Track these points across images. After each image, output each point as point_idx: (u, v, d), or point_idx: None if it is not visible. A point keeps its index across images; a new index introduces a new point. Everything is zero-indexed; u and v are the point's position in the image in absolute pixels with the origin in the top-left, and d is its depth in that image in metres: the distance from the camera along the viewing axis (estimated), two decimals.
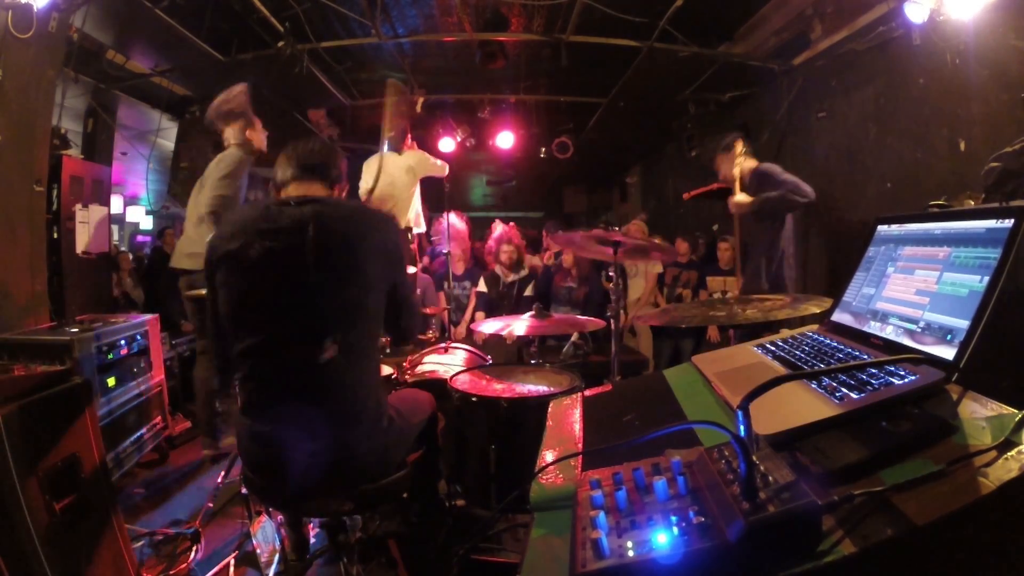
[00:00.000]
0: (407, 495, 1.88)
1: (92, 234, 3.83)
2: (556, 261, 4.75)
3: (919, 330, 0.89)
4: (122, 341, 2.87)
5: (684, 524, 0.59)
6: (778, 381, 0.70)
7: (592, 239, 2.26)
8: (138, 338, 3.02)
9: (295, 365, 1.43)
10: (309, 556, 1.88)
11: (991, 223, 0.85)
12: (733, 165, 3.27)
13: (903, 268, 1.02)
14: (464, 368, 2.40)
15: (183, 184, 4.19)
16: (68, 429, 1.65)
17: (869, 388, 0.79)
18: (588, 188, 9.58)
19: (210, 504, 2.38)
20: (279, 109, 5.25)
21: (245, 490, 1.97)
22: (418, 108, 5.04)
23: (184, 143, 4.53)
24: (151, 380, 3.13)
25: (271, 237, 1.42)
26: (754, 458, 0.61)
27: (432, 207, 4.98)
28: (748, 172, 3.24)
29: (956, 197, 1.83)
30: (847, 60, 3.63)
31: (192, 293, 2.74)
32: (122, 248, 6.70)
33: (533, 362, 2.58)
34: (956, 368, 0.77)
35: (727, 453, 0.67)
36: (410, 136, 4.03)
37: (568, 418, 1.11)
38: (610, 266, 2.31)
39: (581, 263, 4.47)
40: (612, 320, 2.25)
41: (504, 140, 5.92)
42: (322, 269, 1.40)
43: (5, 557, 1.38)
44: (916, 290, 0.95)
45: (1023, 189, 1.49)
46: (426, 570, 1.95)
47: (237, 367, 1.50)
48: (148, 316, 3.20)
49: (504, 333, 2.70)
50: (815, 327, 1.20)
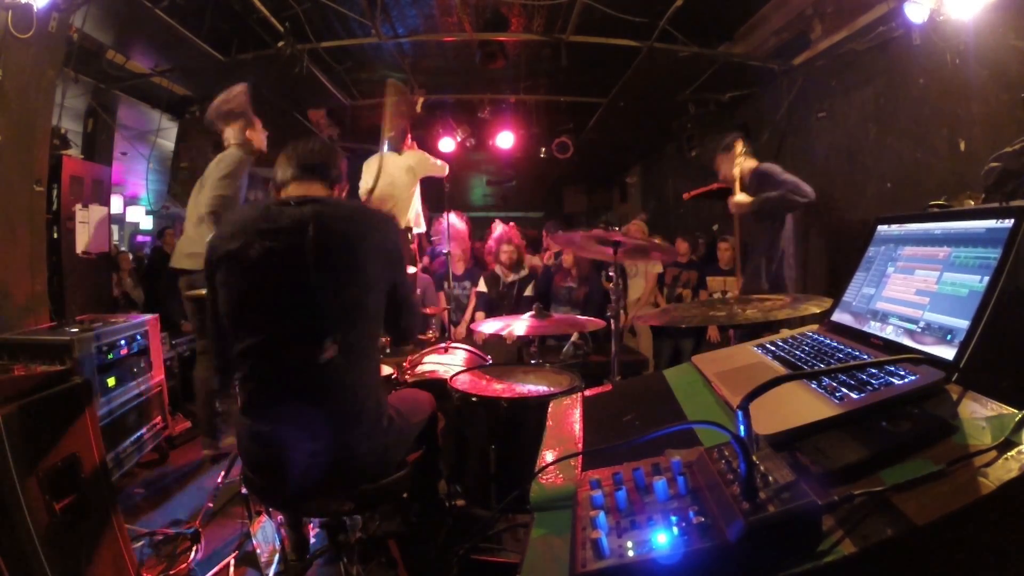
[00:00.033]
0: (407, 495, 1.87)
1: (92, 234, 3.83)
2: (556, 261, 4.74)
3: (919, 330, 0.89)
4: (122, 341, 2.87)
5: (684, 524, 0.59)
6: (778, 381, 0.70)
7: (592, 239, 2.26)
8: (138, 338, 3.02)
9: (295, 365, 1.43)
10: (309, 556, 1.88)
11: (991, 223, 0.85)
12: (733, 165, 3.28)
13: (903, 268, 1.02)
14: (464, 368, 2.40)
15: (183, 184, 4.19)
16: (68, 429, 1.65)
17: (869, 388, 0.79)
18: (588, 188, 9.57)
19: (210, 504, 2.38)
20: (279, 109, 5.25)
21: (245, 490, 1.97)
22: (418, 108, 5.04)
23: (184, 143, 4.52)
24: (151, 380, 3.13)
25: (271, 237, 1.42)
26: (754, 458, 0.61)
27: (432, 207, 4.98)
28: (748, 172, 3.24)
29: (956, 197, 1.83)
30: (847, 60, 3.63)
31: (192, 293, 2.74)
32: (122, 248, 6.70)
33: (533, 362, 2.58)
34: (956, 368, 0.77)
35: (727, 453, 0.67)
36: (410, 136, 4.04)
37: (568, 418, 1.11)
38: (610, 266, 2.31)
39: (581, 263, 4.47)
40: (612, 320, 2.25)
41: (504, 140, 5.92)
42: (322, 269, 1.40)
43: (5, 557, 1.38)
44: (916, 290, 0.95)
45: (1023, 189, 1.49)
46: (426, 570, 1.95)
47: (237, 367, 1.50)
48: (148, 316, 3.20)
49: (504, 333, 2.70)
50: (815, 327, 1.20)
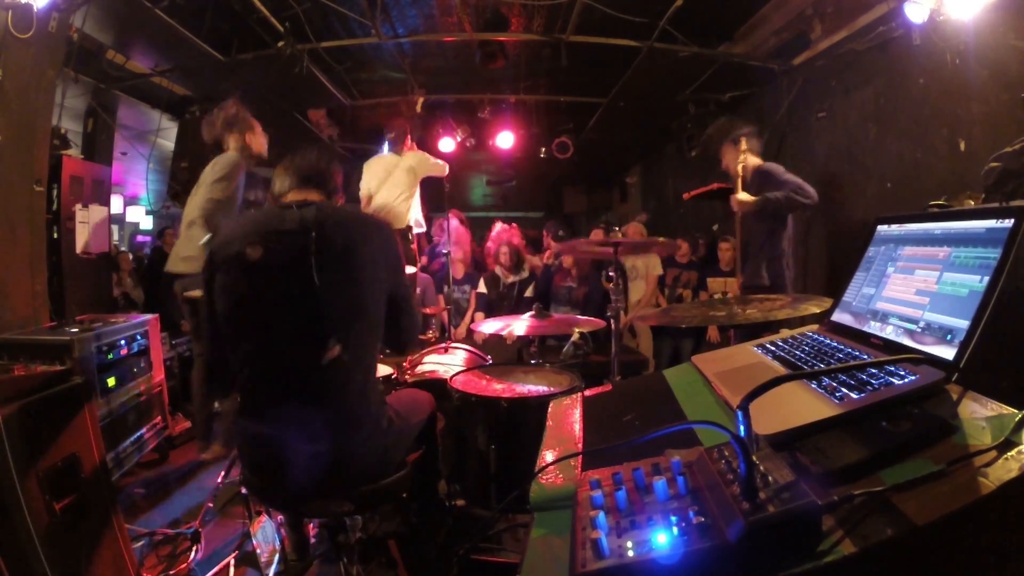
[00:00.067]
0: (407, 495, 1.87)
1: (92, 234, 3.83)
2: (556, 261, 4.74)
3: (919, 330, 0.89)
4: (122, 341, 2.87)
5: (684, 524, 0.59)
6: (778, 381, 0.70)
7: (593, 244, 2.29)
8: (138, 338, 3.02)
9: (297, 367, 1.43)
10: (309, 556, 1.88)
11: (991, 223, 0.85)
12: (736, 159, 3.24)
13: (903, 268, 1.02)
14: (464, 368, 2.40)
15: (183, 184, 4.19)
16: (68, 429, 1.65)
17: (869, 388, 0.79)
18: (588, 188, 9.57)
19: (210, 504, 2.38)
20: (279, 109, 5.24)
21: (245, 490, 1.97)
22: (418, 108, 5.05)
23: (184, 143, 4.51)
24: (151, 380, 3.13)
25: (275, 240, 1.43)
26: (754, 458, 0.61)
27: (432, 207, 4.99)
28: (751, 170, 3.21)
29: (956, 197, 1.83)
30: (847, 60, 3.63)
31: (189, 294, 2.74)
32: (122, 248, 6.71)
33: (533, 362, 2.58)
34: (956, 368, 0.77)
35: (727, 453, 0.67)
36: (410, 137, 4.06)
37: (568, 418, 1.11)
38: (610, 266, 2.31)
39: (581, 263, 4.46)
40: (612, 320, 2.25)
41: (504, 140, 5.92)
42: (325, 271, 1.40)
43: (5, 557, 1.38)
44: (916, 290, 0.95)
45: (1023, 189, 1.49)
46: (426, 570, 1.95)
47: (237, 370, 1.50)
48: (148, 316, 3.20)
49: (504, 333, 2.70)
50: (815, 327, 1.20)
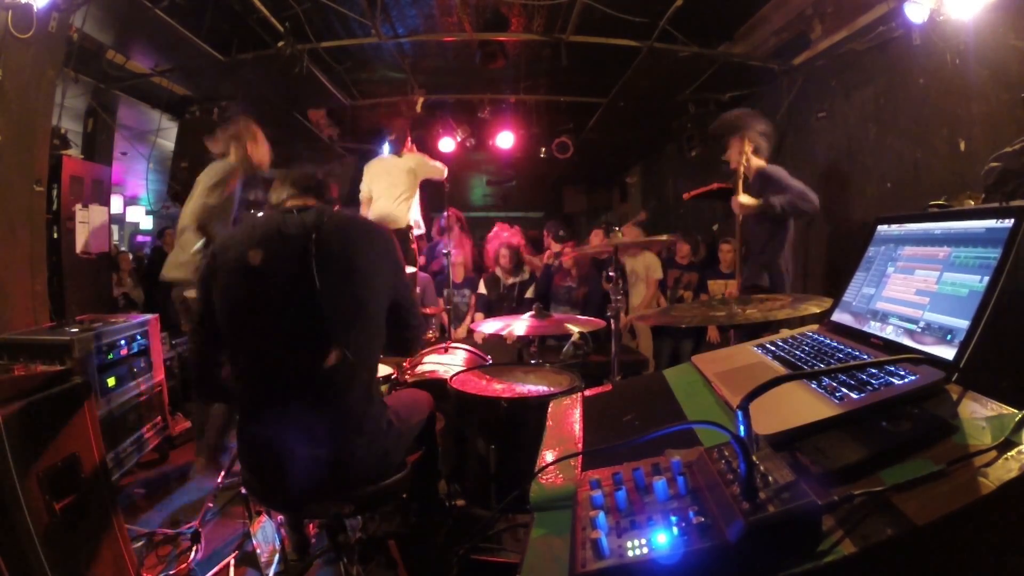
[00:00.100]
0: (407, 495, 1.87)
1: (92, 234, 3.82)
2: (556, 261, 4.75)
3: (919, 330, 0.89)
4: (122, 341, 2.86)
5: (684, 524, 0.59)
6: (778, 381, 0.70)
7: (597, 248, 2.35)
8: (138, 338, 3.02)
9: (299, 371, 1.43)
10: (309, 556, 1.88)
11: (991, 223, 0.85)
12: (740, 155, 3.16)
13: (903, 268, 1.02)
14: (464, 368, 2.40)
15: (183, 184, 4.19)
16: (68, 429, 1.65)
17: (869, 388, 0.79)
18: (588, 188, 9.57)
19: (210, 504, 2.38)
20: (279, 109, 5.25)
21: (245, 490, 1.97)
22: (418, 108, 5.05)
23: (184, 143, 4.51)
24: (151, 380, 3.13)
25: (276, 244, 1.43)
26: (754, 458, 0.61)
27: (432, 207, 4.99)
28: (753, 171, 3.18)
29: (956, 197, 1.83)
30: (847, 60, 3.63)
31: (189, 294, 2.74)
32: (122, 248, 6.71)
33: (533, 362, 2.58)
34: (956, 368, 0.77)
35: (727, 453, 0.67)
36: (410, 139, 4.09)
37: (568, 418, 1.11)
38: (610, 266, 2.32)
39: (581, 263, 4.47)
40: (612, 320, 2.25)
41: (504, 140, 5.91)
42: (326, 275, 1.40)
43: (5, 557, 1.38)
44: (916, 290, 0.95)
45: (1023, 189, 1.49)
46: (426, 570, 1.95)
47: (237, 373, 1.50)
48: (148, 316, 3.19)
49: (504, 333, 2.70)
50: (815, 327, 1.20)
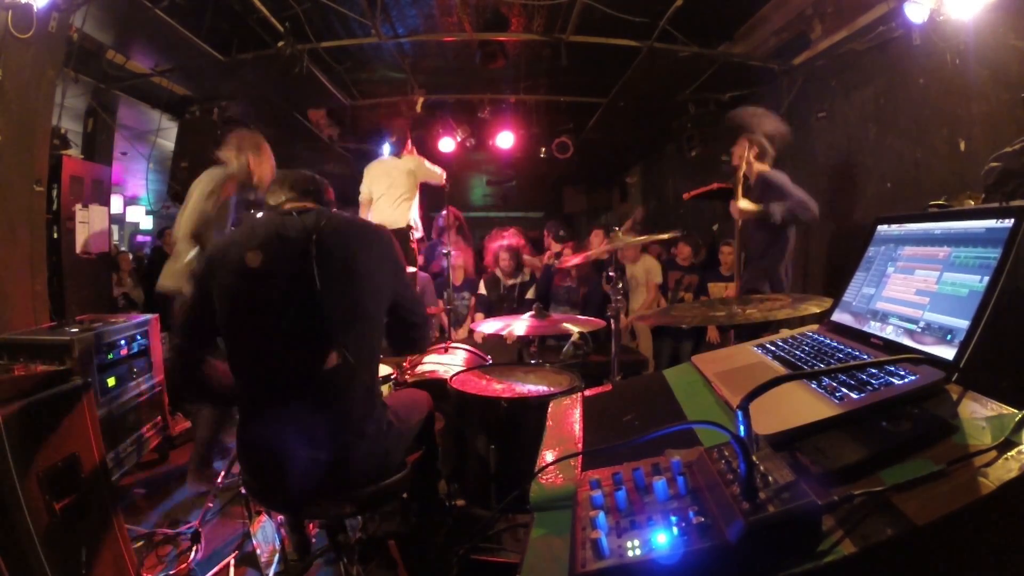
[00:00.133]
0: (407, 495, 1.87)
1: (92, 234, 3.82)
2: (556, 260, 4.76)
3: (919, 330, 0.89)
4: (122, 341, 2.86)
5: (684, 524, 0.59)
6: (778, 381, 0.70)
7: (600, 251, 2.39)
8: (138, 338, 3.02)
9: (298, 372, 1.42)
10: (309, 556, 1.88)
11: (991, 223, 0.85)
12: (743, 156, 3.15)
13: (903, 268, 1.02)
14: (464, 368, 2.40)
15: (183, 184, 4.19)
16: (68, 429, 1.64)
17: (869, 388, 0.79)
18: (588, 188, 9.57)
19: (210, 504, 2.38)
20: (279, 109, 5.24)
21: (245, 490, 1.97)
22: (418, 108, 5.06)
23: (184, 143, 4.51)
24: (151, 380, 3.13)
25: (276, 245, 1.43)
26: (754, 458, 0.61)
27: (432, 207, 4.99)
28: (755, 175, 3.16)
29: (956, 197, 1.83)
30: (847, 60, 3.63)
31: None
32: (122, 248, 6.71)
33: (533, 362, 2.58)
34: (956, 368, 0.77)
35: (727, 453, 0.67)
36: (410, 141, 4.10)
37: (568, 418, 1.11)
38: (610, 266, 2.32)
39: (581, 263, 4.47)
40: (612, 320, 2.25)
41: (504, 140, 5.91)
42: (327, 276, 1.40)
43: (5, 557, 1.38)
44: (916, 290, 0.95)
45: (1023, 189, 1.49)
46: (426, 570, 1.95)
47: (236, 375, 1.50)
48: (148, 316, 3.19)
49: (504, 333, 2.70)
50: (815, 327, 1.20)
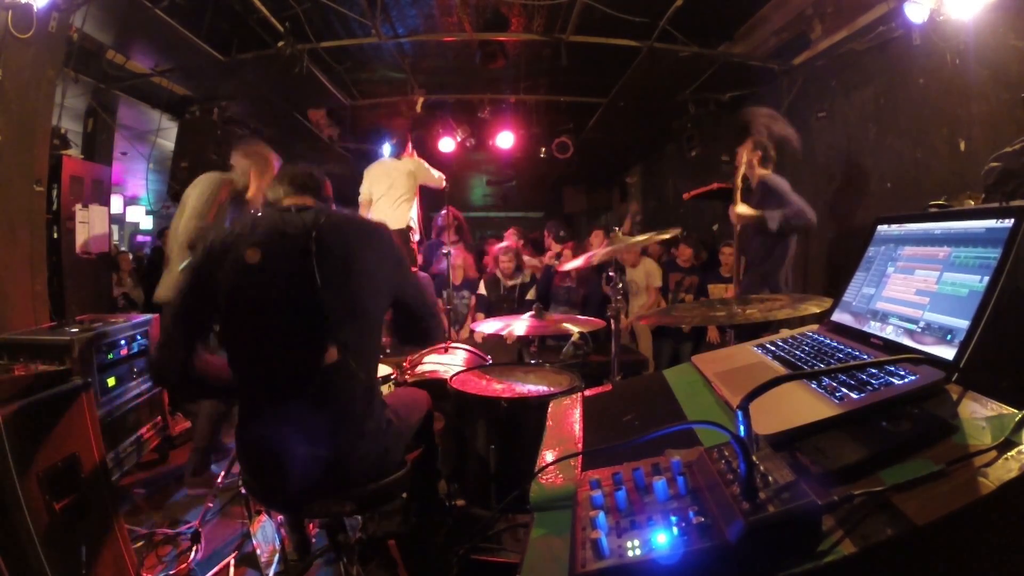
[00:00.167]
0: (407, 495, 1.87)
1: (92, 234, 3.82)
2: (556, 260, 4.77)
3: (919, 330, 0.89)
4: (122, 341, 2.86)
5: (684, 524, 0.59)
6: (778, 381, 0.69)
7: (601, 253, 2.41)
8: (138, 338, 3.01)
9: (297, 369, 1.42)
10: (309, 556, 1.88)
11: (991, 223, 0.85)
12: (744, 159, 3.15)
13: (903, 268, 1.02)
14: (464, 368, 2.40)
15: (183, 184, 4.19)
16: (68, 429, 1.65)
17: (869, 388, 0.79)
18: (588, 188, 9.56)
19: (210, 504, 2.38)
20: (279, 109, 5.24)
21: (245, 490, 1.97)
22: (418, 108, 5.06)
23: (184, 143, 4.51)
24: (151, 380, 3.13)
25: (276, 242, 1.43)
26: (754, 458, 0.61)
27: (432, 206, 5.00)
28: (757, 179, 3.15)
29: (956, 197, 1.83)
30: (847, 60, 3.63)
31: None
32: (122, 248, 6.71)
33: (533, 362, 2.58)
34: (956, 368, 0.77)
35: (727, 453, 0.67)
36: (410, 143, 4.12)
37: (568, 418, 1.11)
38: (609, 267, 2.32)
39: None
40: (612, 320, 2.25)
41: (504, 140, 5.92)
42: (327, 273, 1.40)
43: (5, 557, 1.38)
44: (916, 290, 0.95)
45: (1023, 189, 1.49)
46: (426, 570, 1.95)
47: (235, 372, 1.50)
48: (148, 316, 3.19)
49: (504, 333, 2.70)
50: (815, 327, 1.20)
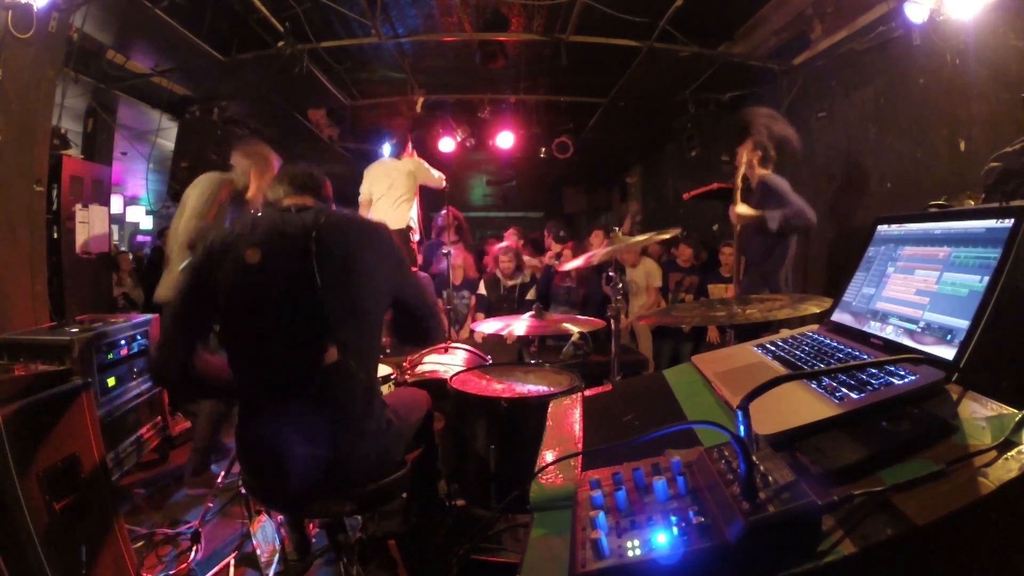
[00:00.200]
0: (407, 495, 1.87)
1: (92, 234, 3.82)
2: (557, 260, 4.77)
3: (919, 330, 0.89)
4: (122, 341, 2.86)
5: (684, 524, 0.59)
6: (778, 381, 0.69)
7: (601, 253, 2.41)
8: (138, 338, 3.02)
9: (296, 369, 1.42)
10: (309, 556, 1.88)
11: (991, 223, 0.85)
12: (744, 159, 3.15)
13: (903, 268, 1.02)
14: (464, 368, 2.40)
15: (183, 184, 4.19)
16: (68, 429, 1.65)
17: (869, 388, 0.79)
18: (588, 188, 9.56)
19: (210, 504, 2.38)
20: (279, 109, 5.24)
21: (245, 490, 1.97)
22: (418, 108, 5.06)
23: (184, 143, 4.51)
24: (151, 380, 3.13)
25: (276, 242, 1.43)
26: (754, 458, 0.61)
27: (431, 206, 5.00)
28: (757, 179, 3.15)
29: (956, 197, 1.83)
30: (847, 60, 3.63)
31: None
32: (122, 248, 6.71)
33: (533, 362, 2.58)
34: (956, 368, 0.77)
35: (727, 453, 0.67)
36: (410, 143, 4.11)
37: (568, 418, 1.11)
38: (609, 267, 2.32)
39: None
40: (612, 320, 2.25)
41: (504, 140, 5.91)
42: (326, 273, 1.40)
43: (5, 557, 1.38)
44: (916, 290, 0.95)
45: (1023, 189, 1.49)
46: (426, 570, 1.95)
47: (235, 372, 1.50)
48: (148, 316, 3.19)
49: (504, 333, 2.70)
50: (815, 327, 1.20)
